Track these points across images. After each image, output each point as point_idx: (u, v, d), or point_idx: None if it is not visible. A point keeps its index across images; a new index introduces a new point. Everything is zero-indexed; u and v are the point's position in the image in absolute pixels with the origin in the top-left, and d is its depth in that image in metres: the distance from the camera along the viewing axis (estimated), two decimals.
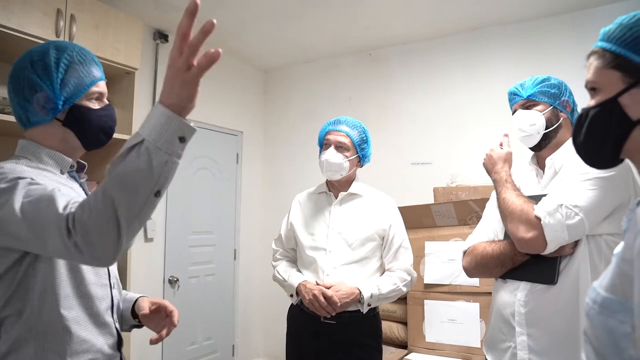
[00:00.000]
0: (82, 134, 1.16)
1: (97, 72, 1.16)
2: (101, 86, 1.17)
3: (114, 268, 1.26)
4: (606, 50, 0.84)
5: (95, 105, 1.16)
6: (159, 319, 1.31)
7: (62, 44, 1.13)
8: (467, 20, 3.23)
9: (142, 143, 0.83)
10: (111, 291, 1.21)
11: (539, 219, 1.27)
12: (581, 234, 1.26)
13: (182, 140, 0.85)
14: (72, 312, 1.08)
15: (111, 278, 1.21)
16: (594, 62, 0.87)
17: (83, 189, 1.22)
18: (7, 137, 2.30)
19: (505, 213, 1.37)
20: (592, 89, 0.89)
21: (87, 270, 1.12)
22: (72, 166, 1.19)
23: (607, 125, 0.84)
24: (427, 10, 3.08)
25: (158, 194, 0.86)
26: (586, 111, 0.90)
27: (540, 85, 1.48)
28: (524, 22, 3.17)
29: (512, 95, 1.55)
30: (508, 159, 1.51)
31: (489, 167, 1.53)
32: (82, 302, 1.11)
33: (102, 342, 1.14)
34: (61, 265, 1.07)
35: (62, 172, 1.16)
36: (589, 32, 2.89)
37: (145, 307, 1.31)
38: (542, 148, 1.48)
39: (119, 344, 1.21)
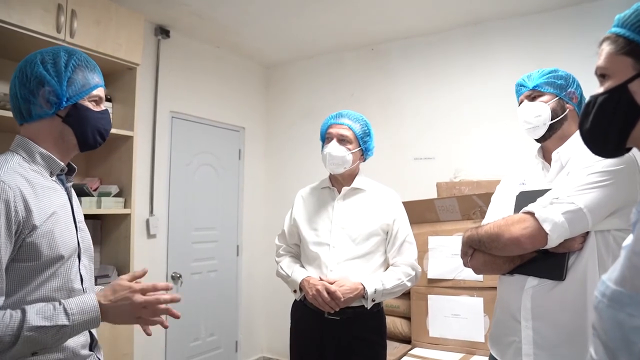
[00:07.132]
0: (80, 132, 1.22)
1: (99, 79, 1.26)
2: (101, 92, 1.27)
3: (88, 272, 1.25)
4: (619, 36, 0.83)
5: (94, 107, 1.24)
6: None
7: (71, 49, 1.24)
8: (470, 14, 3.21)
9: (65, 327, 1.04)
10: None
11: (531, 213, 1.26)
12: (584, 226, 1.23)
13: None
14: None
15: (84, 282, 1.22)
16: (606, 47, 0.85)
17: (67, 194, 1.24)
18: (5, 133, 2.29)
19: (494, 235, 1.32)
20: (601, 75, 0.87)
21: (58, 276, 1.13)
22: (62, 170, 1.23)
23: (615, 112, 0.83)
24: (429, 5, 3.06)
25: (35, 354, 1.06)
26: (594, 98, 0.88)
27: (546, 76, 1.47)
28: (527, 15, 3.14)
29: (519, 87, 1.54)
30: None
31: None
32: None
33: (73, 342, 1.14)
34: (28, 270, 1.08)
35: (51, 175, 1.19)
36: (592, 25, 2.86)
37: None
38: (546, 139, 1.47)
39: (91, 344, 1.23)
